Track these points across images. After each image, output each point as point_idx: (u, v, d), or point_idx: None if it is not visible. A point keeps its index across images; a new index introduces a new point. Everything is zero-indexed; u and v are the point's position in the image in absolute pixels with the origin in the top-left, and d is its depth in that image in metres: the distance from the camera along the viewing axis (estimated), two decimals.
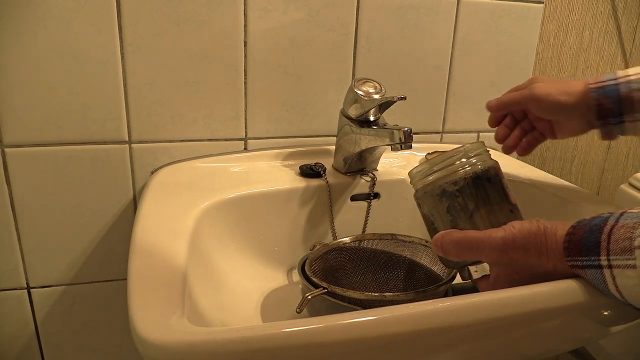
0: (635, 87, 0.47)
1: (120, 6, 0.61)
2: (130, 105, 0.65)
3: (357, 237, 0.59)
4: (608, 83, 0.50)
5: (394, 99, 0.60)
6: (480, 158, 0.45)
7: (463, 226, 0.44)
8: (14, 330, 0.71)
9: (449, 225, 0.45)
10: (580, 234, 0.38)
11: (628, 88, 0.48)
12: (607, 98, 0.49)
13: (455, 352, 0.44)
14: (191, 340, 0.35)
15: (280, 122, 0.73)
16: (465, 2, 0.75)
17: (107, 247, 0.70)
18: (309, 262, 0.53)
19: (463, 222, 0.44)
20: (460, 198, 0.44)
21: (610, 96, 0.49)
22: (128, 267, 0.45)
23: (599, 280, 0.37)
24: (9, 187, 0.64)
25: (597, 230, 0.37)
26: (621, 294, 0.36)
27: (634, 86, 0.47)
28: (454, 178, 0.44)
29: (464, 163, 0.44)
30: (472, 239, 0.42)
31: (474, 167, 0.44)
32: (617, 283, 0.36)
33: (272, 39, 0.68)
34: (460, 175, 0.44)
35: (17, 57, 0.60)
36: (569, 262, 0.39)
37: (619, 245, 0.35)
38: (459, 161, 0.44)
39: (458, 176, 0.44)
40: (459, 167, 0.44)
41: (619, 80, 0.49)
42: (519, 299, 0.42)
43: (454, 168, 0.44)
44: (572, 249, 0.38)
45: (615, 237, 0.36)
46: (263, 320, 0.55)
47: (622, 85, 0.48)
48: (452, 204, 0.44)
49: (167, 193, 0.61)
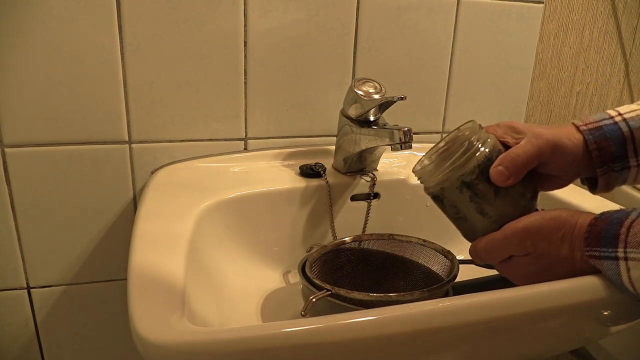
0: (636, 126, 0.41)
1: (120, 6, 0.61)
2: (130, 105, 0.65)
3: (355, 238, 0.59)
4: (605, 122, 0.43)
5: (394, 99, 0.60)
6: (482, 139, 0.44)
7: (489, 210, 0.44)
8: (14, 330, 0.71)
9: (475, 212, 0.45)
10: (601, 226, 0.38)
11: (628, 127, 0.41)
12: (608, 140, 0.42)
13: (455, 352, 0.44)
14: (191, 340, 0.35)
15: (280, 122, 0.73)
16: (465, 2, 0.75)
17: (107, 247, 0.70)
18: (309, 263, 0.53)
19: (489, 206, 0.44)
20: (480, 185, 0.44)
21: (612, 137, 0.42)
22: (128, 267, 0.45)
23: (614, 272, 0.37)
24: (9, 187, 0.64)
25: (617, 223, 0.37)
26: (634, 287, 0.36)
27: (634, 124, 0.41)
28: (468, 168, 0.44)
29: (472, 150, 0.44)
30: (497, 240, 0.42)
31: (483, 152, 0.44)
32: (631, 275, 0.36)
33: (272, 39, 0.68)
34: (473, 164, 0.44)
35: (17, 57, 0.60)
36: (588, 252, 0.39)
37: (637, 239, 0.35)
38: (465, 149, 0.44)
39: (472, 165, 0.44)
40: (470, 156, 0.44)
41: (616, 119, 0.42)
42: (519, 299, 0.42)
43: (465, 159, 0.44)
44: (592, 239, 0.38)
45: (635, 230, 0.36)
46: (263, 320, 0.55)
47: (621, 124, 0.42)
48: (474, 193, 0.44)
49: (167, 193, 0.61)
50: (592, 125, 0.42)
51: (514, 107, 0.84)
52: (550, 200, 0.67)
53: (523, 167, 0.42)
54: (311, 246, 0.57)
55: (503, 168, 0.42)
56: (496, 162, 0.43)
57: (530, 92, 0.85)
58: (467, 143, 0.44)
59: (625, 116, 0.42)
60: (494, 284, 0.54)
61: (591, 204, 0.63)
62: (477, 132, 0.45)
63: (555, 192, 0.67)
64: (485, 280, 0.55)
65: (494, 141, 0.45)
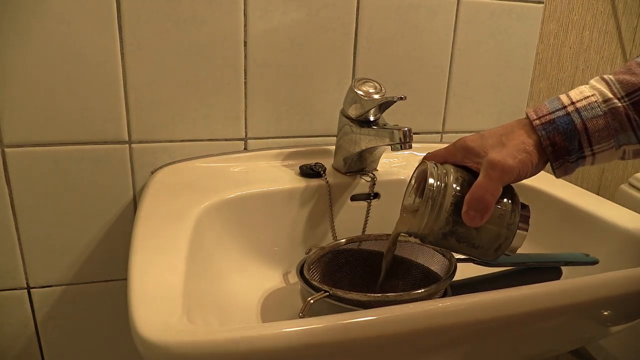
0: (589, 116, 0.40)
1: (120, 6, 0.61)
2: (130, 105, 0.65)
3: (353, 239, 0.59)
4: (557, 115, 0.41)
5: (394, 99, 0.60)
6: (442, 186, 0.43)
7: (479, 241, 0.44)
8: (14, 330, 0.71)
9: (467, 248, 0.45)
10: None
11: (581, 119, 0.40)
12: (561, 134, 0.40)
13: (455, 352, 0.45)
14: (191, 340, 0.35)
15: (280, 122, 0.73)
16: (465, 2, 0.75)
17: (107, 247, 0.70)
18: (307, 265, 0.53)
19: (477, 239, 0.44)
20: (459, 228, 0.43)
21: (565, 131, 0.40)
22: (128, 267, 0.45)
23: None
24: (9, 187, 0.64)
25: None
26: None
27: (586, 115, 0.40)
28: (441, 222, 0.43)
29: (438, 204, 0.43)
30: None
31: (449, 200, 0.43)
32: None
33: (272, 39, 0.68)
34: (444, 216, 0.43)
35: (17, 57, 0.60)
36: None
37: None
38: (432, 206, 0.43)
39: (444, 218, 0.43)
40: (439, 211, 0.43)
41: (569, 109, 0.40)
42: (519, 299, 0.42)
43: (435, 215, 0.43)
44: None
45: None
46: (263, 320, 0.55)
47: (574, 116, 0.40)
48: (457, 237, 0.44)
49: (167, 193, 0.61)
50: (545, 119, 0.41)
51: (514, 107, 0.84)
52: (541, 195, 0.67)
53: (492, 203, 0.41)
54: (309, 248, 0.57)
55: (473, 212, 0.41)
56: (465, 205, 0.42)
57: (530, 92, 0.85)
58: (431, 201, 0.43)
59: (578, 105, 0.40)
60: (492, 282, 0.54)
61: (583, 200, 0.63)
62: (437, 177, 0.43)
63: (543, 187, 0.68)
64: (484, 278, 0.55)
65: (455, 176, 0.44)
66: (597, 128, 0.39)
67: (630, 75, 0.39)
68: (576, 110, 0.40)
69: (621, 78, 0.39)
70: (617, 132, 0.39)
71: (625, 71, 0.40)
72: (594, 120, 0.39)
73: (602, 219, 0.60)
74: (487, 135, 0.43)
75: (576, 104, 0.40)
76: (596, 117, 0.39)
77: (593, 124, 0.39)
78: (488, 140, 0.43)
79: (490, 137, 0.43)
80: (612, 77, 0.40)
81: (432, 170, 0.44)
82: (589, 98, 0.40)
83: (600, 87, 0.40)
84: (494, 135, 0.43)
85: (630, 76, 0.39)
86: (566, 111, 0.40)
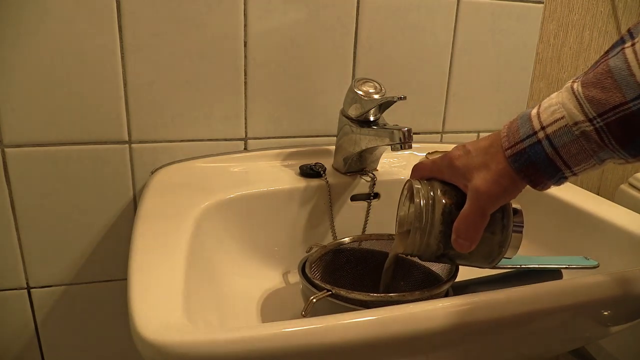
0: (560, 143, 0.37)
1: (120, 6, 0.61)
2: (130, 105, 0.65)
3: (354, 238, 0.59)
4: (528, 143, 0.38)
5: (394, 99, 0.60)
6: (431, 209, 0.44)
7: (474, 259, 0.45)
8: (14, 330, 0.71)
9: (465, 262, 0.46)
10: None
11: (552, 147, 0.37)
12: (535, 165, 0.38)
13: (455, 352, 0.45)
14: (191, 340, 0.35)
15: (280, 122, 0.73)
16: (465, 2, 0.75)
17: (107, 247, 0.70)
18: (308, 264, 0.53)
19: (472, 256, 0.44)
20: (452, 251, 0.44)
21: (538, 162, 0.38)
22: (128, 266, 0.45)
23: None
24: (9, 187, 0.64)
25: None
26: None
27: (558, 142, 0.37)
28: (433, 248, 0.44)
29: (427, 231, 0.44)
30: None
31: (437, 227, 0.43)
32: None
33: (272, 39, 0.68)
34: (435, 242, 0.44)
35: (18, 57, 0.60)
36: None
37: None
38: (421, 233, 0.44)
39: (435, 243, 0.44)
40: (429, 237, 0.44)
41: (539, 136, 0.37)
42: (519, 299, 0.42)
43: (426, 242, 0.44)
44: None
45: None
46: (263, 320, 0.55)
47: (545, 144, 0.37)
48: (450, 258, 0.45)
49: (167, 193, 0.61)
50: (516, 149, 0.39)
51: (514, 107, 0.84)
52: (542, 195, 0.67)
53: (480, 230, 0.41)
54: (310, 246, 0.57)
55: (462, 241, 0.42)
56: (453, 233, 0.42)
57: (530, 92, 0.85)
58: (420, 231, 0.44)
59: (548, 131, 0.37)
60: (492, 284, 0.54)
61: (583, 200, 0.63)
62: (423, 210, 0.44)
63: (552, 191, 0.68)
64: (484, 280, 0.55)
65: (443, 202, 0.44)
66: (571, 153, 0.37)
67: (601, 91, 0.35)
68: (546, 137, 0.37)
69: (591, 95, 0.35)
70: (596, 152, 0.36)
71: (596, 83, 0.35)
72: (567, 147, 0.36)
73: (602, 219, 0.60)
74: (472, 152, 0.42)
75: (546, 129, 0.37)
76: (568, 143, 0.36)
77: (566, 150, 0.37)
78: (473, 160, 0.42)
79: (476, 156, 0.42)
80: (581, 92, 0.36)
81: (420, 196, 0.44)
82: (559, 122, 0.37)
83: (570, 107, 0.36)
84: (478, 153, 0.42)
85: (601, 92, 0.35)
86: (537, 138, 0.38)
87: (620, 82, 0.34)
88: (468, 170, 0.42)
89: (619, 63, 0.34)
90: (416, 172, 0.47)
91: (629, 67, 0.33)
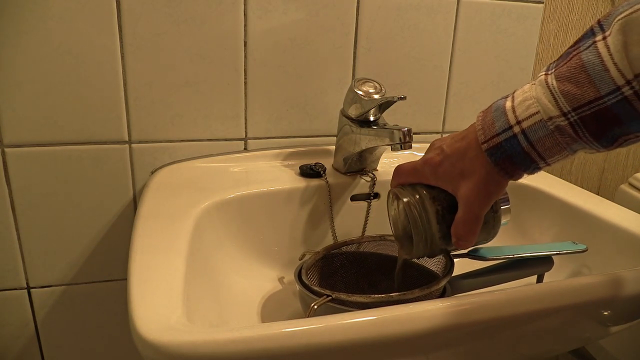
0: (535, 138, 0.37)
1: (120, 6, 0.61)
2: (130, 105, 0.65)
3: (347, 242, 0.59)
4: (503, 137, 0.39)
5: (394, 99, 0.60)
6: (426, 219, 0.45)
7: None
8: (14, 330, 0.71)
9: None
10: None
11: (527, 141, 0.38)
12: (511, 159, 0.39)
13: (455, 352, 0.45)
14: (191, 340, 0.35)
15: (280, 122, 0.73)
16: (465, 2, 0.75)
17: (107, 247, 0.70)
18: (304, 270, 0.53)
19: None
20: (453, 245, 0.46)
21: (514, 155, 0.38)
22: (128, 266, 0.45)
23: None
24: (9, 187, 0.64)
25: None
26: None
27: (533, 136, 0.37)
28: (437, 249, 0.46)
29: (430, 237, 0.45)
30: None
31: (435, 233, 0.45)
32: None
33: (272, 39, 0.68)
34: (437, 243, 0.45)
35: (17, 57, 0.60)
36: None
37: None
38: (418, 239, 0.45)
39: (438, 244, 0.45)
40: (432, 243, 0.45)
41: (514, 130, 0.38)
42: (519, 299, 0.42)
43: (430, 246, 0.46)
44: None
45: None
46: (263, 320, 0.55)
47: (520, 138, 0.38)
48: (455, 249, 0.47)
49: (167, 193, 0.61)
50: (492, 142, 0.39)
51: None
52: (541, 195, 0.67)
53: (477, 230, 0.43)
54: (303, 253, 0.57)
55: (463, 242, 0.44)
56: (453, 237, 0.44)
57: None
58: (422, 242, 0.45)
59: (524, 126, 0.38)
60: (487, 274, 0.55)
61: (583, 200, 0.63)
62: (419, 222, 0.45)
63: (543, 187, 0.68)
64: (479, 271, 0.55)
65: (431, 207, 0.44)
66: (546, 147, 0.37)
67: (576, 85, 0.35)
68: (522, 131, 0.38)
69: (566, 90, 0.35)
70: (569, 144, 0.37)
71: (570, 77, 0.35)
72: (542, 141, 0.37)
73: (602, 219, 0.60)
74: (452, 155, 0.43)
75: (522, 123, 0.38)
76: (543, 137, 0.37)
77: (541, 144, 0.37)
78: (456, 167, 0.42)
79: (457, 160, 0.42)
80: (556, 86, 0.36)
81: (411, 209, 0.45)
82: (534, 117, 0.37)
83: (544, 101, 0.37)
84: (458, 157, 0.42)
85: (575, 87, 0.35)
86: (512, 132, 0.38)
87: (594, 77, 0.34)
88: (453, 178, 0.43)
89: (592, 57, 0.34)
90: (398, 178, 0.48)
91: (602, 62, 0.34)
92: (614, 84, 0.33)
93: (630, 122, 0.34)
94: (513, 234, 0.70)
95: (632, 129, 0.35)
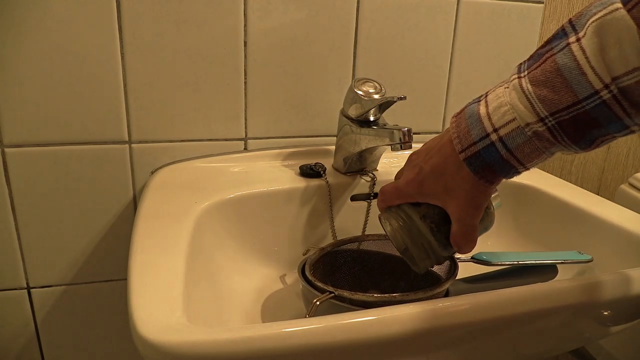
0: (514, 145, 0.37)
1: (120, 6, 0.61)
2: (130, 105, 0.65)
3: (352, 239, 0.59)
4: (481, 146, 0.38)
5: (394, 99, 0.60)
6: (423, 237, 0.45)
7: None
8: (14, 330, 0.71)
9: None
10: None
11: (506, 148, 0.37)
12: (491, 167, 0.38)
13: (455, 352, 0.45)
14: (191, 340, 0.35)
15: (280, 122, 0.73)
16: (465, 2, 0.75)
17: (107, 247, 0.70)
18: (308, 266, 0.53)
19: None
20: None
21: (493, 163, 0.38)
22: (128, 266, 0.45)
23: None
24: (9, 187, 0.64)
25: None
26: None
27: (511, 144, 0.37)
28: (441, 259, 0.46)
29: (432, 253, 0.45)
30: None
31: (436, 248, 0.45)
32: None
33: (272, 39, 0.68)
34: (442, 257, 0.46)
35: (17, 57, 0.60)
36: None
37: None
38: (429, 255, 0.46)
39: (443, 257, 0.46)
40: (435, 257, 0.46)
41: (492, 138, 0.37)
42: (519, 299, 0.42)
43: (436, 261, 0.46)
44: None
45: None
46: (263, 320, 0.55)
47: (499, 146, 0.37)
48: None
49: (167, 193, 0.61)
50: (470, 152, 0.39)
51: None
52: (541, 195, 0.67)
53: (476, 235, 0.43)
54: (307, 249, 0.57)
55: (466, 250, 0.44)
56: (455, 246, 0.44)
57: None
58: (427, 259, 0.46)
59: (501, 133, 0.37)
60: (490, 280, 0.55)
61: (583, 200, 0.63)
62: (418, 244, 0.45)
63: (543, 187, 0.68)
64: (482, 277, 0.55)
65: (423, 226, 0.44)
66: (524, 153, 0.37)
67: (552, 90, 0.34)
68: (499, 139, 0.37)
69: (542, 95, 0.35)
70: (547, 148, 0.37)
71: (545, 81, 0.34)
72: (520, 148, 0.37)
73: (602, 219, 0.60)
74: (433, 171, 0.42)
75: (499, 131, 0.37)
76: (522, 144, 0.37)
77: (519, 150, 0.37)
78: (439, 184, 0.42)
79: (439, 175, 0.42)
80: (532, 91, 0.35)
81: (407, 233, 0.45)
82: (511, 124, 0.36)
83: (520, 108, 0.36)
84: (438, 173, 0.42)
85: (552, 92, 0.34)
86: (490, 140, 0.38)
87: (571, 81, 0.33)
88: (438, 194, 0.43)
89: (567, 61, 0.33)
90: (385, 202, 0.48)
91: (578, 65, 0.33)
92: (592, 87, 0.33)
93: (608, 125, 0.34)
94: (513, 234, 0.70)
95: (610, 131, 0.35)
